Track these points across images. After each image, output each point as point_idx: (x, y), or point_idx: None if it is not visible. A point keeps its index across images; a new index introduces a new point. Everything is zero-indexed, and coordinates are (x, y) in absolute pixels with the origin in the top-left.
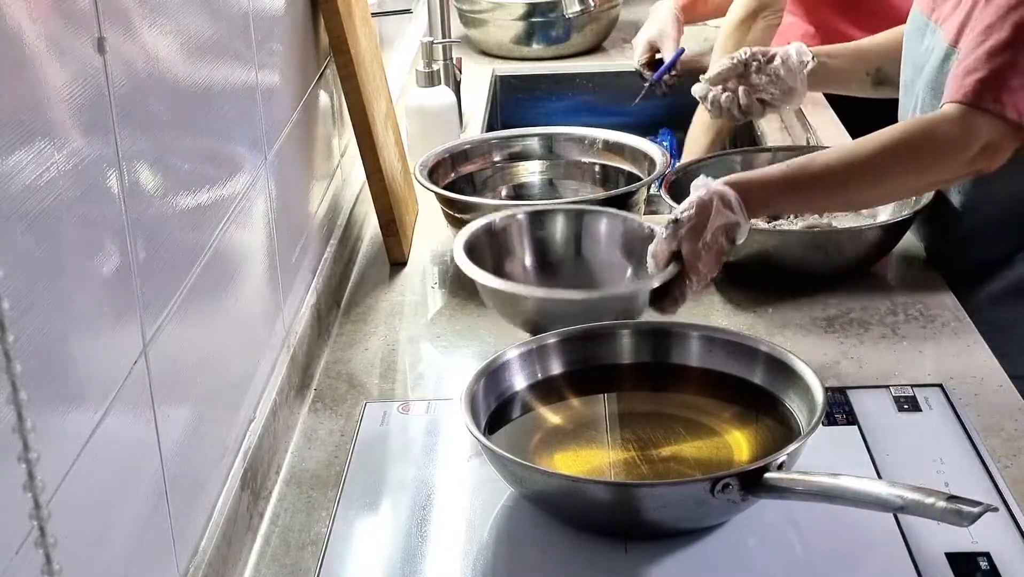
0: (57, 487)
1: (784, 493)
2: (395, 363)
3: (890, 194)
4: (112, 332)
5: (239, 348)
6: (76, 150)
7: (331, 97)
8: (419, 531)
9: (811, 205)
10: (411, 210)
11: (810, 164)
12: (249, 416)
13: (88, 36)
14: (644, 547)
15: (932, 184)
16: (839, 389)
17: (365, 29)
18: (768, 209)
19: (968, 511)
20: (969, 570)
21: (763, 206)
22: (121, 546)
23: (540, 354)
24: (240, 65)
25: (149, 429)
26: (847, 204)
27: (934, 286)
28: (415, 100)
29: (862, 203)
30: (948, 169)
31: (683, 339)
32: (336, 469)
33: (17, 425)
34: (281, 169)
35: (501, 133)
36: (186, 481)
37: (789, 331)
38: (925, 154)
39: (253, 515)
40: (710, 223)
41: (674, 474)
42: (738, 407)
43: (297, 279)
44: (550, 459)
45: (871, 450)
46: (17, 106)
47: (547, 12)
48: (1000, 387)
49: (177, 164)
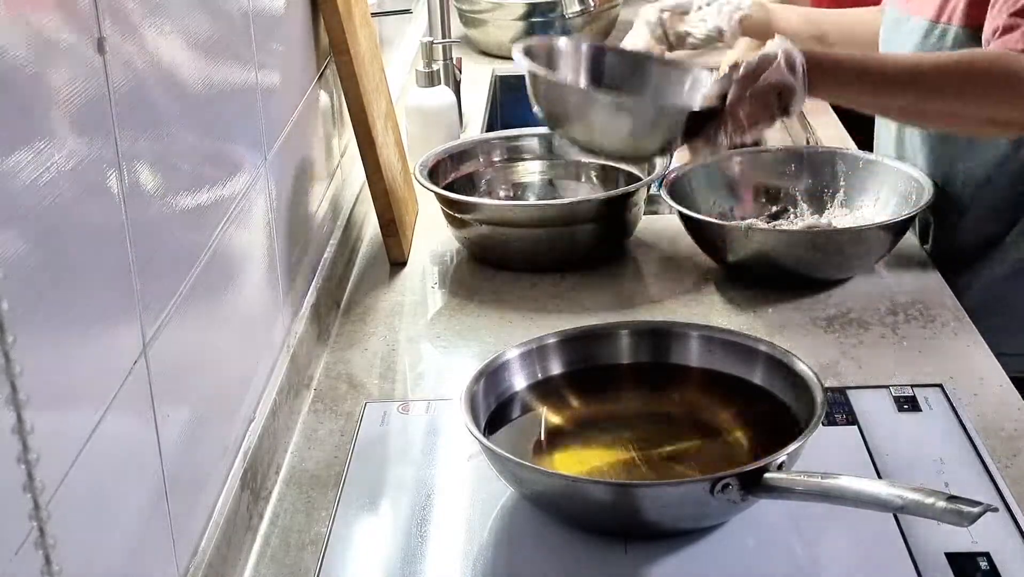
0: (57, 488)
1: (784, 493)
2: (395, 363)
3: (948, 114)
4: (112, 332)
5: (239, 348)
6: (76, 150)
7: (331, 97)
8: (419, 531)
9: (875, 100)
10: (411, 210)
11: (884, 60)
12: (249, 416)
13: (88, 36)
14: (644, 547)
15: (988, 118)
16: (839, 389)
17: (365, 29)
18: (831, 90)
19: (968, 511)
20: (969, 570)
21: (828, 83)
22: (121, 546)
23: (540, 354)
24: (240, 65)
25: (149, 429)
26: (906, 110)
27: (934, 286)
28: (415, 100)
29: (918, 113)
30: (1014, 106)
31: (683, 339)
32: (336, 469)
33: (17, 426)
34: (281, 169)
35: (501, 133)
36: (186, 481)
37: (789, 331)
38: (996, 84)
39: (253, 515)
40: (766, 75)
41: (674, 474)
42: (738, 407)
43: (297, 279)
44: (550, 459)
45: (871, 450)
46: (17, 106)
47: (547, 12)
48: (1000, 387)
49: (177, 164)
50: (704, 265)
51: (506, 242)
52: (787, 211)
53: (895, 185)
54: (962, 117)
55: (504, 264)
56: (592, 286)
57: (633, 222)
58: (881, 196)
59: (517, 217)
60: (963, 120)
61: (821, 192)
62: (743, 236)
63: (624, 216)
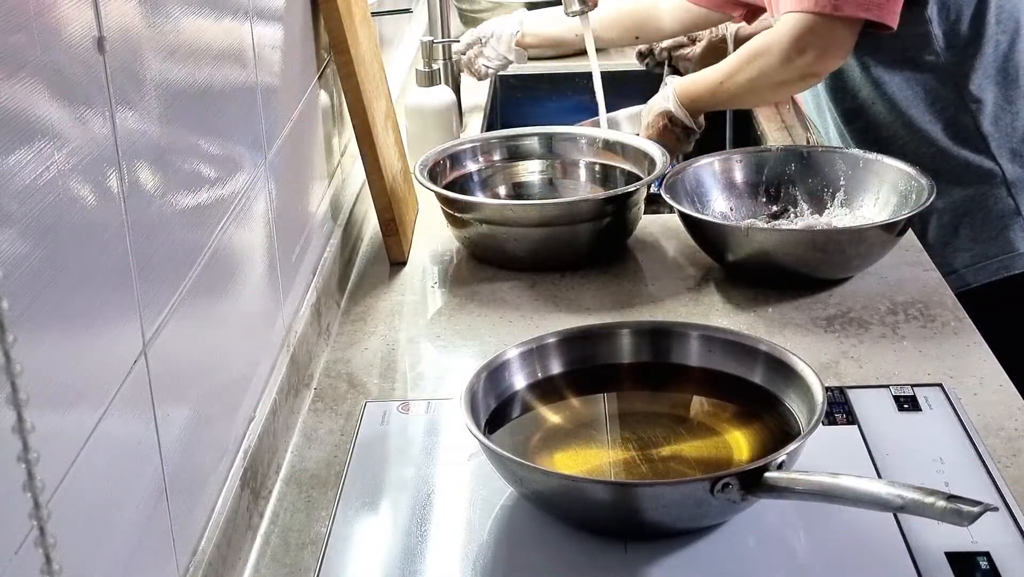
0: (57, 487)
1: (784, 493)
2: (395, 363)
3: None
4: (112, 332)
5: (239, 348)
6: (76, 150)
7: (331, 97)
8: (419, 531)
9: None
10: (411, 210)
11: (720, 68)
12: (249, 415)
13: (88, 35)
14: (644, 547)
15: (780, 82)
16: (839, 389)
17: (365, 29)
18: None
19: (968, 511)
20: (969, 570)
21: (697, 105)
22: (121, 545)
23: (540, 353)
24: (240, 65)
25: (149, 429)
26: (743, 98)
27: (934, 286)
28: (415, 100)
29: (752, 98)
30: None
31: (683, 339)
32: (336, 469)
33: (17, 425)
34: (281, 169)
35: (501, 133)
36: (186, 481)
37: (789, 331)
38: (760, 55)
39: (253, 515)
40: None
41: (674, 474)
42: (738, 407)
43: (297, 279)
44: (550, 459)
45: (871, 450)
46: (17, 106)
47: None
48: (1000, 387)
49: (177, 164)
50: (704, 265)
51: (506, 242)
52: (787, 211)
53: (895, 185)
54: (767, 88)
55: (504, 264)
56: (592, 286)
57: (633, 222)
58: (881, 196)
59: (517, 217)
60: (769, 88)
61: (821, 192)
62: (743, 236)
63: (624, 216)
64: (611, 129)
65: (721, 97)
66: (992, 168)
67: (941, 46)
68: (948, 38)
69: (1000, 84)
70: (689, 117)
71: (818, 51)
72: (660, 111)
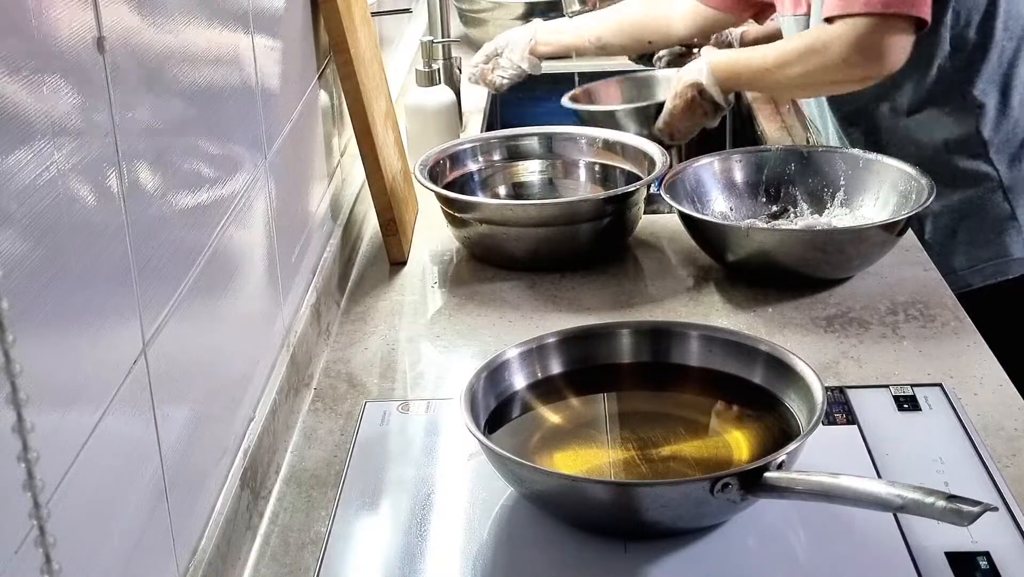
0: (57, 487)
1: (784, 493)
2: (395, 363)
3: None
4: (112, 331)
5: (239, 348)
6: (76, 150)
7: (331, 97)
8: (419, 531)
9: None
10: (411, 210)
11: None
12: (249, 415)
13: (88, 35)
14: (644, 547)
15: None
16: (839, 389)
17: (365, 29)
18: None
19: (968, 511)
20: (969, 570)
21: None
22: (121, 545)
23: (540, 353)
24: (240, 65)
25: (149, 429)
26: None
27: (934, 286)
28: (415, 99)
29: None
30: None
31: (683, 339)
32: (336, 469)
33: (17, 424)
34: (281, 169)
35: (501, 133)
36: (186, 481)
37: (789, 331)
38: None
39: (253, 514)
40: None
41: (674, 474)
42: (738, 407)
43: (297, 278)
44: (550, 459)
45: (871, 450)
46: (17, 106)
47: (547, 12)
48: (1000, 387)
49: (177, 164)
50: (704, 265)
51: (506, 242)
52: (787, 211)
53: (895, 184)
54: (821, 85)
55: (504, 264)
56: (592, 286)
57: (633, 222)
58: (881, 196)
59: (517, 217)
60: (823, 85)
61: (821, 192)
62: (743, 236)
63: (624, 216)
64: (645, 88)
65: (767, 82)
66: (990, 173)
67: (948, 50)
68: (955, 42)
69: (1002, 90)
70: (721, 94)
71: (880, 53)
72: (690, 82)
